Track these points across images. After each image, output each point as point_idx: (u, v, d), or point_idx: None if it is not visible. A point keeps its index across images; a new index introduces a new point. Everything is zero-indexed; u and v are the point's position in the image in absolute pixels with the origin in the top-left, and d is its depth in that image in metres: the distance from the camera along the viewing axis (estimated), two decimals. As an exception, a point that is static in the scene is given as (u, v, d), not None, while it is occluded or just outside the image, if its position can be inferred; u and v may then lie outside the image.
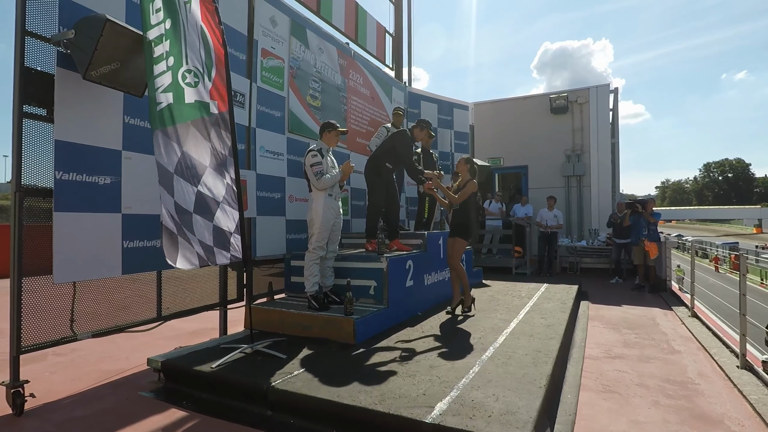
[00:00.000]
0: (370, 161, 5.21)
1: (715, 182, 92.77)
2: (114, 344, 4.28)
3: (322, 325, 3.96)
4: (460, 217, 4.88)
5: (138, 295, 3.71)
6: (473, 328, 4.25)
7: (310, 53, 5.68)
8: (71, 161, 3.02)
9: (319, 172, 4.08)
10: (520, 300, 5.72)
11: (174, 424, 2.74)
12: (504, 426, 2.25)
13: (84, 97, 3.09)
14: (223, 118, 3.35)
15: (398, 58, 8.63)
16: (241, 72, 4.50)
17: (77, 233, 3.03)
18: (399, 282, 4.57)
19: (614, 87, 10.51)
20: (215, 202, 3.27)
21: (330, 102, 6.08)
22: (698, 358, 4.01)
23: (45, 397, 3.09)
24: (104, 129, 3.25)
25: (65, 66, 2.97)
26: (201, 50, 3.29)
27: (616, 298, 7.02)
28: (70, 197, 3.01)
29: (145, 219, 3.48)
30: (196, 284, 4.23)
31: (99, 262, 3.18)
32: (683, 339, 4.66)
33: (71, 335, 3.14)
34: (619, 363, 3.86)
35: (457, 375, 2.98)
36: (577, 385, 3.30)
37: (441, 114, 9.10)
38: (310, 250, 4.20)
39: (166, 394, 3.20)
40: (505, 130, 11.21)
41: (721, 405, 3.00)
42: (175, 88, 3.09)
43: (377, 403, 2.54)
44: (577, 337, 4.65)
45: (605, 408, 2.94)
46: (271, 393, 2.81)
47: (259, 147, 4.78)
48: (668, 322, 5.41)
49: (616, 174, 10.54)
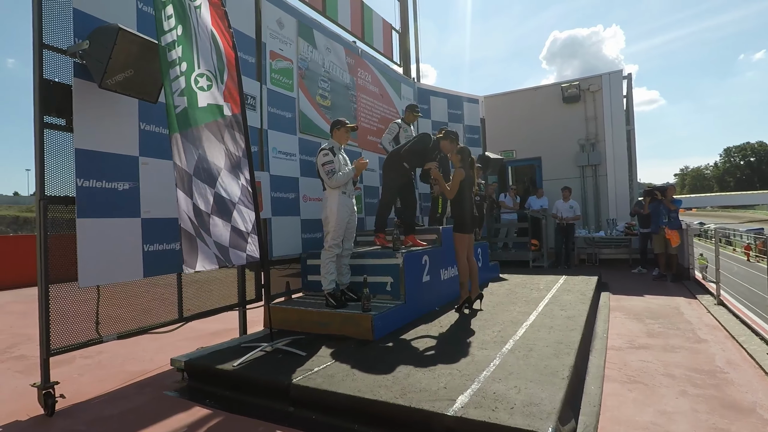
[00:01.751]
0: (388, 158, 5.24)
1: (737, 167, 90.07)
2: (138, 346, 4.38)
3: (340, 323, 3.98)
4: (453, 210, 4.74)
5: (160, 298, 3.79)
6: (492, 321, 4.22)
7: (318, 53, 5.71)
8: (91, 168, 3.09)
9: (331, 171, 4.10)
10: (539, 293, 5.65)
11: (198, 421, 2.79)
12: (527, 417, 2.23)
13: (101, 106, 3.16)
14: (236, 120, 3.39)
15: (406, 55, 8.61)
16: (250, 75, 4.55)
17: (99, 238, 3.11)
18: (415, 277, 4.56)
19: (627, 73, 10.27)
20: (231, 203, 3.31)
21: (340, 101, 6.10)
22: (726, 347, 3.90)
23: (74, 398, 3.17)
24: (121, 136, 3.32)
25: (81, 76, 3.05)
26: (213, 54, 3.33)
27: (637, 288, 6.88)
28: (92, 203, 3.08)
29: (163, 222, 3.55)
30: (215, 286, 4.29)
31: (121, 265, 3.26)
32: (709, 328, 4.54)
33: (97, 337, 3.23)
34: (643, 353, 3.78)
35: (477, 368, 2.96)
36: (601, 376, 3.25)
37: (451, 108, 9.05)
38: (326, 249, 4.22)
39: (189, 393, 3.25)
40: (517, 122, 11.07)
41: (752, 393, 2.91)
42: (188, 93, 3.15)
43: (398, 397, 2.54)
44: (599, 328, 4.57)
45: (630, 398, 2.89)
46: (292, 389, 2.84)
47: (272, 148, 4.82)
48: (693, 311, 5.28)
49: (633, 162, 10.30)
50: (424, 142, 5.10)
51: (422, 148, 5.08)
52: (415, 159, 5.11)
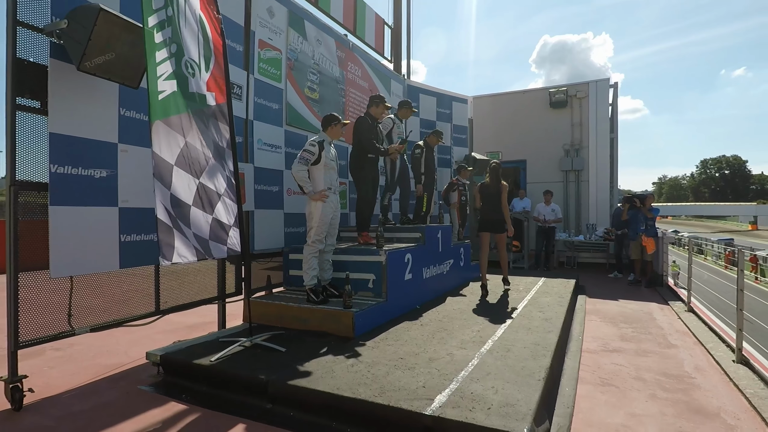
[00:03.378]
0: (351, 157, 5.12)
1: (712, 179, 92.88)
2: (112, 338, 4.27)
3: (321, 319, 3.96)
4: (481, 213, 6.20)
5: (136, 290, 3.69)
6: (472, 321, 4.26)
7: (308, 45, 5.63)
8: (66, 154, 2.98)
9: (304, 159, 4.02)
10: (518, 294, 5.73)
11: (174, 417, 2.73)
12: (503, 418, 2.26)
13: (78, 89, 3.05)
14: (221, 110, 3.32)
15: (397, 51, 8.57)
16: (238, 64, 4.46)
17: (74, 227, 3.00)
18: (398, 275, 4.57)
19: (614, 81, 10.47)
20: (216, 194, 3.25)
21: (328, 94, 6.04)
22: (695, 353, 4.03)
23: (44, 392, 3.08)
24: (100, 121, 3.21)
25: (58, 57, 2.92)
26: (200, 40, 3.25)
27: (613, 292, 7.05)
28: (66, 191, 2.97)
29: (142, 212, 3.45)
30: (195, 278, 4.21)
31: (96, 256, 3.16)
32: (680, 333, 4.69)
33: (69, 330, 3.13)
34: (616, 356, 3.88)
35: (456, 368, 2.99)
36: (575, 378, 3.32)
37: (440, 107, 9.06)
38: (309, 244, 4.19)
39: (165, 388, 3.19)
40: (504, 124, 11.16)
41: (717, 398, 3.02)
42: (178, 77, 3.05)
43: (377, 395, 2.54)
44: (575, 330, 4.67)
45: (603, 401, 2.96)
46: (270, 386, 2.81)
47: (257, 140, 4.74)
48: (665, 317, 5.44)
49: (615, 169, 10.52)
50: (362, 125, 4.97)
51: (366, 128, 4.94)
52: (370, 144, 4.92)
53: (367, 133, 4.92)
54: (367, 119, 5.02)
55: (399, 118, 5.97)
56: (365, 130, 4.94)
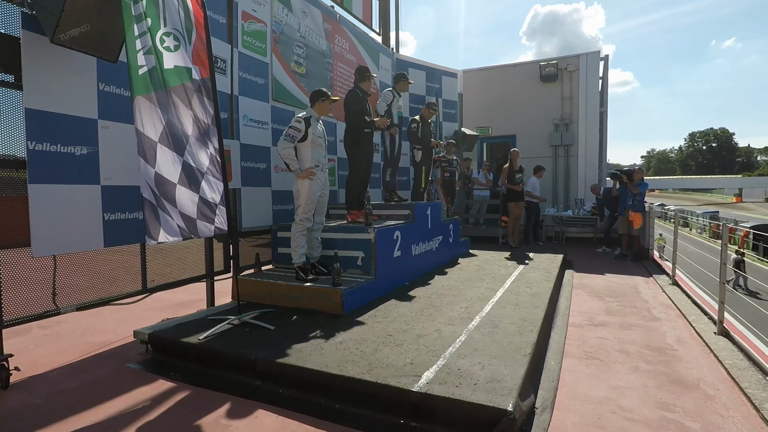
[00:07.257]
0: (346, 133, 4.98)
1: (700, 152, 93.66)
2: (100, 317, 4.25)
3: (309, 296, 3.97)
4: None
5: (123, 267, 3.66)
6: (460, 297, 4.31)
7: (294, 17, 5.44)
8: (44, 131, 2.88)
9: (290, 137, 3.95)
10: (507, 269, 5.80)
11: (162, 394, 2.75)
12: (489, 393, 2.30)
13: (54, 63, 2.92)
14: (205, 84, 3.21)
15: (385, 23, 8.33)
16: (221, 36, 4.30)
17: (55, 206, 2.94)
18: (387, 253, 4.58)
19: (605, 54, 10.35)
20: (200, 172, 3.18)
21: (315, 69, 5.88)
22: (677, 325, 4.14)
23: (30, 370, 3.07)
24: (78, 96, 3.10)
25: (31, 29, 2.79)
26: (180, 11, 3.10)
27: (600, 266, 7.16)
28: (45, 169, 2.89)
29: (126, 190, 3.38)
30: (183, 255, 4.18)
31: (79, 235, 3.10)
32: (663, 306, 4.80)
33: (54, 309, 3.10)
34: (601, 330, 3.97)
35: (443, 344, 3.03)
36: (561, 352, 3.40)
37: (429, 81, 8.91)
38: (297, 222, 4.15)
39: (154, 366, 3.20)
40: (494, 98, 11.04)
41: (697, 370, 3.11)
42: (156, 52, 2.93)
43: (365, 372, 2.57)
44: (562, 305, 4.75)
45: (587, 374, 3.04)
46: (259, 363, 2.83)
47: (243, 116, 4.63)
48: (649, 290, 5.55)
49: (604, 144, 10.54)
50: (353, 98, 4.83)
51: (356, 101, 4.81)
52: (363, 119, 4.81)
53: (356, 106, 4.82)
54: (357, 92, 4.90)
55: (397, 92, 5.83)
56: (351, 102, 4.84)
